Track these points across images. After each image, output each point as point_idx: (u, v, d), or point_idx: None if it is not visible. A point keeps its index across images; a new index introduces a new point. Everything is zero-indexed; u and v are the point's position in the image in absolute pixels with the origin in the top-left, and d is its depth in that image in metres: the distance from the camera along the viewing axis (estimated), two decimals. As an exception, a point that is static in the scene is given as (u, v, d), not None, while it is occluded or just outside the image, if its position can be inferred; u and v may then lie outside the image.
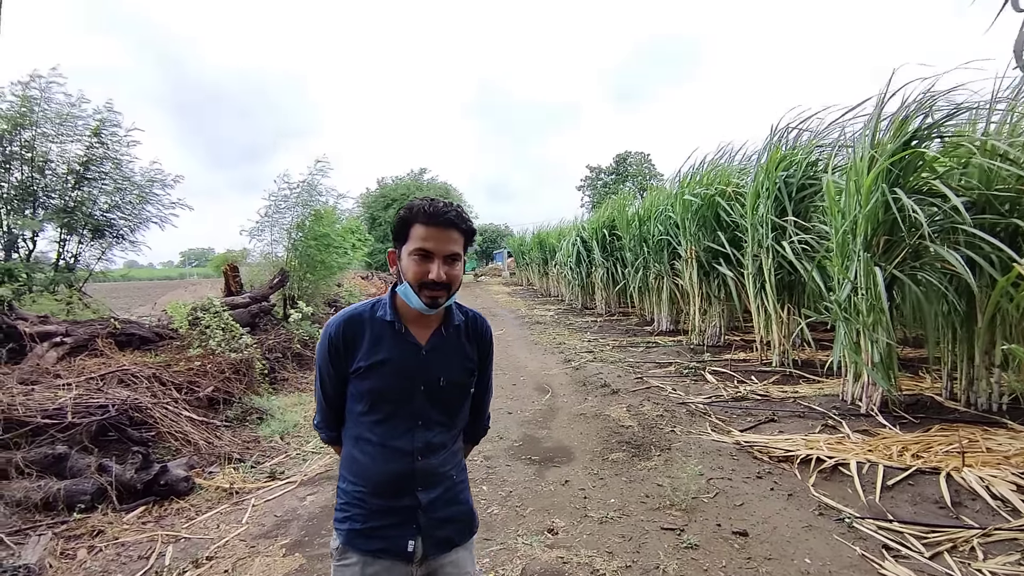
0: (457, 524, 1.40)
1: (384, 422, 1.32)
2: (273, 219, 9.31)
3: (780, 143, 6.33)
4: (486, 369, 1.51)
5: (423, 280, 1.25)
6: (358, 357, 1.31)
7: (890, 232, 4.32)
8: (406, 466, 1.31)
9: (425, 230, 1.25)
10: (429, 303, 1.26)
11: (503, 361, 7.65)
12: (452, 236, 1.27)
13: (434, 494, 1.34)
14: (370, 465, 1.32)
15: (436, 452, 1.35)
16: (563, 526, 2.86)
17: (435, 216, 1.25)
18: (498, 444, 4.21)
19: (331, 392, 1.39)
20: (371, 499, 1.31)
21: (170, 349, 5.88)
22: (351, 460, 1.36)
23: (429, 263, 1.25)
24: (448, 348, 1.38)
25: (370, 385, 1.31)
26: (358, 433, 1.34)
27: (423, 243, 1.25)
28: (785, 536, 2.64)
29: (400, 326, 1.34)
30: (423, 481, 1.32)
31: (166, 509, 3.28)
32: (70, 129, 7.28)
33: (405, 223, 1.28)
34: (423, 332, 1.36)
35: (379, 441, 1.31)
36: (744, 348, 7.33)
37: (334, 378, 1.36)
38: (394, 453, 1.31)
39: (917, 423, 4.04)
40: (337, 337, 1.33)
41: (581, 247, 14.22)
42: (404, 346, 1.33)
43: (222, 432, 4.51)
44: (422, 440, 1.32)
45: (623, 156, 49.73)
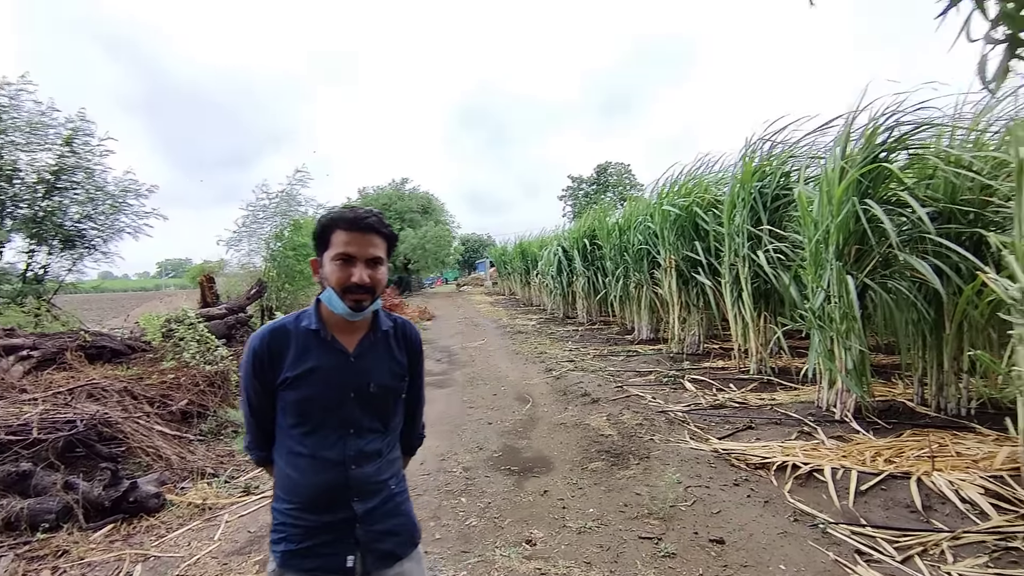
0: (398, 536, 1.37)
1: (314, 433, 1.30)
2: (251, 229, 9.25)
3: (755, 154, 6.45)
4: (417, 375, 1.51)
5: (346, 284, 1.26)
6: (284, 368, 1.30)
7: (861, 241, 4.41)
8: (339, 476, 1.28)
9: (346, 235, 1.27)
10: (353, 306, 1.27)
11: (484, 372, 7.63)
12: (373, 241, 1.29)
13: (371, 504, 1.31)
14: (301, 479, 1.29)
15: (370, 460, 1.33)
16: (541, 537, 2.85)
17: (355, 222, 1.27)
18: (478, 455, 4.18)
19: (259, 408, 1.36)
20: (304, 515, 1.28)
21: (143, 362, 5.77)
22: (283, 477, 1.33)
23: (351, 267, 1.26)
24: (377, 353, 1.38)
25: (298, 395, 1.29)
26: (289, 447, 1.32)
27: (345, 248, 1.26)
28: (761, 543, 2.66)
29: (326, 334, 1.33)
30: (358, 491, 1.30)
31: (135, 527, 3.19)
32: (40, 138, 7.15)
33: (326, 230, 1.30)
34: (350, 339, 1.35)
35: (310, 453, 1.29)
36: (723, 356, 7.41)
37: (261, 393, 1.34)
38: (326, 464, 1.28)
39: (890, 428, 4.11)
40: (262, 350, 1.31)
41: (562, 256, 14.29)
42: (332, 353, 1.32)
43: (195, 446, 4.42)
44: (354, 448, 1.30)
45: (603, 166, 50.20)
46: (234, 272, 10.20)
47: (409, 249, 29.60)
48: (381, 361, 1.38)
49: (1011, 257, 3.09)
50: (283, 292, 9.23)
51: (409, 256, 29.91)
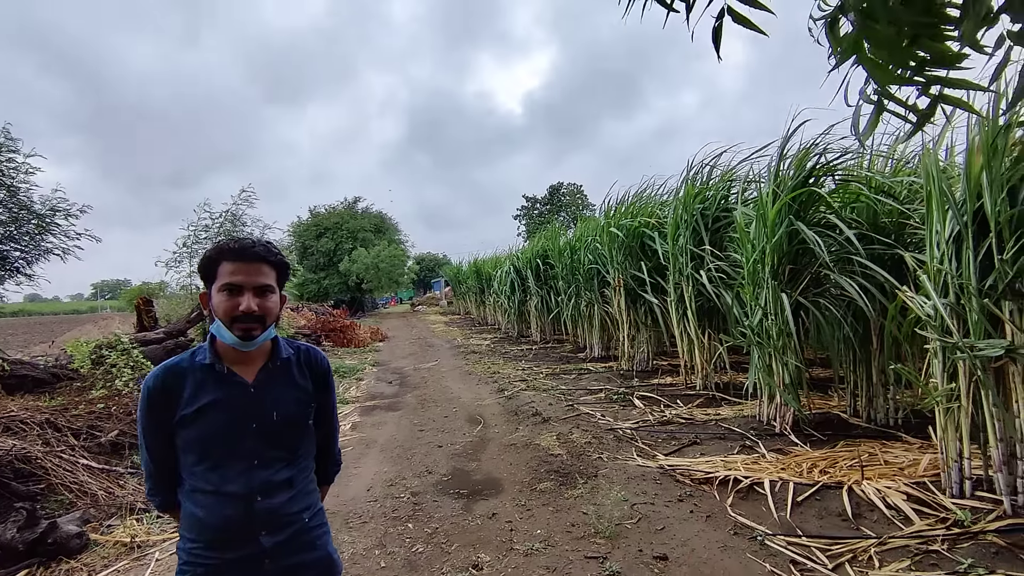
0: (311, 572, 1.34)
1: (217, 468, 1.26)
2: (192, 250, 8.90)
3: (697, 177, 6.73)
4: (327, 402, 1.49)
5: (233, 314, 1.25)
6: (181, 406, 1.27)
7: (794, 261, 4.65)
8: (243, 510, 1.25)
9: (232, 265, 1.26)
10: (242, 335, 1.26)
11: (436, 393, 7.54)
12: (262, 269, 1.28)
13: (280, 538, 1.28)
14: (206, 517, 1.25)
15: (279, 491, 1.30)
16: (488, 560, 2.81)
17: (241, 252, 1.27)
18: (426, 479, 4.12)
19: (158, 451, 1.32)
20: (208, 553, 1.24)
21: (69, 391, 5.42)
22: (188, 516, 1.29)
23: (239, 297, 1.25)
24: (278, 382, 1.36)
25: (198, 432, 1.26)
26: (192, 485, 1.28)
27: (231, 278, 1.26)
28: (702, 557, 2.72)
29: (222, 367, 1.31)
30: (266, 524, 1.26)
31: (53, 571, 2.97)
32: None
33: (212, 263, 1.28)
34: (248, 370, 1.33)
35: (213, 489, 1.25)
36: (671, 372, 7.59)
37: (158, 434, 1.30)
38: (229, 499, 1.25)
39: (825, 440, 4.30)
40: (156, 390, 1.28)
41: (515, 276, 14.37)
42: (229, 386, 1.30)
43: (126, 480, 4.17)
44: (260, 479, 1.27)
45: (556, 187, 51.15)
46: (175, 294, 9.77)
47: (362, 269, 29.11)
48: (283, 389, 1.35)
49: (924, 276, 3.33)
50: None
51: (362, 276, 29.41)
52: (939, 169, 3.28)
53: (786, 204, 4.48)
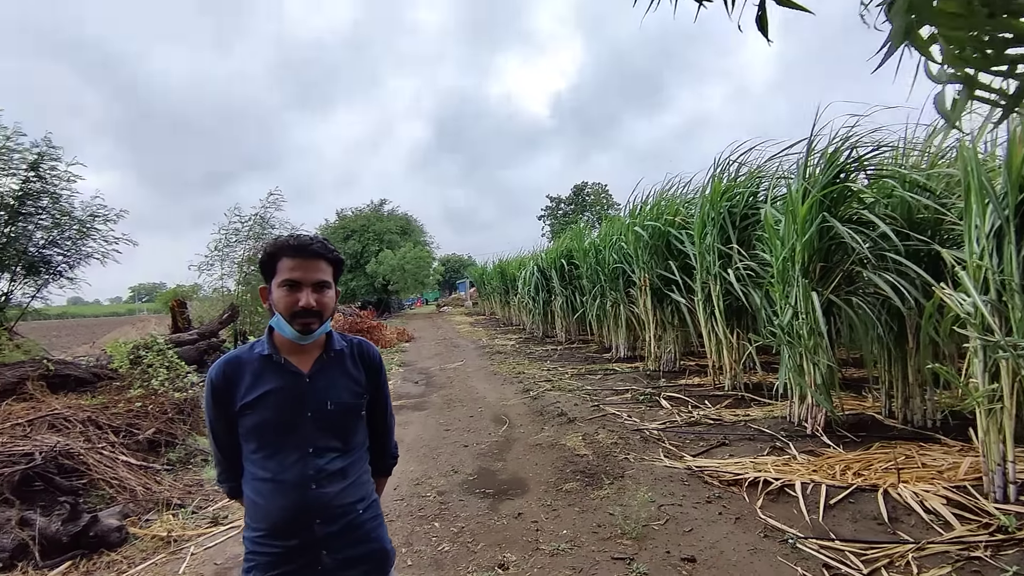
0: (366, 564, 1.36)
1: (274, 456, 1.31)
2: (223, 253, 9.14)
3: (723, 175, 6.62)
4: (380, 392, 1.53)
5: (294, 309, 1.29)
6: (241, 395, 1.32)
7: (825, 259, 4.55)
8: (299, 498, 1.28)
9: (291, 262, 1.31)
10: (302, 330, 1.31)
11: (462, 393, 7.58)
12: (319, 266, 1.33)
13: (334, 528, 1.31)
14: (265, 504, 1.30)
15: (333, 480, 1.33)
16: (514, 560, 2.82)
17: (300, 249, 1.31)
18: (452, 478, 4.14)
19: (223, 439, 1.38)
20: (271, 542, 1.28)
21: (109, 390, 5.61)
22: (250, 504, 1.34)
23: (298, 292, 1.30)
24: (332, 372, 1.40)
25: (256, 419, 1.31)
26: (253, 474, 1.33)
27: (290, 274, 1.30)
28: (731, 560, 2.67)
29: (279, 358, 1.35)
30: (320, 513, 1.29)
31: (95, 563, 3.08)
32: (4, 162, 7.00)
33: (272, 258, 1.33)
34: (304, 360, 1.38)
35: (272, 477, 1.30)
36: (698, 373, 7.48)
37: (223, 423, 1.36)
38: (286, 487, 1.29)
39: (859, 442, 4.19)
40: (218, 380, 1.34)
41: (540, 276, 14.36)
42: (286, 376, 1.34)
43: (162, 476, 4.30)
44: (314, 467, 1.31)
45: (580, 187, 50.92)
46: (207, 296, 10.03)
47: (388, 270, 29.44)
48: (337, 379, 1.39)
49: (964, 273, 3.21)
50: (256, 316, 9.11)
51: (388, 277, 29.74)
52: (979, 162, 3.17)
53: (817, 200, 4.38)
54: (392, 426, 1.63)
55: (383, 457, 1.60)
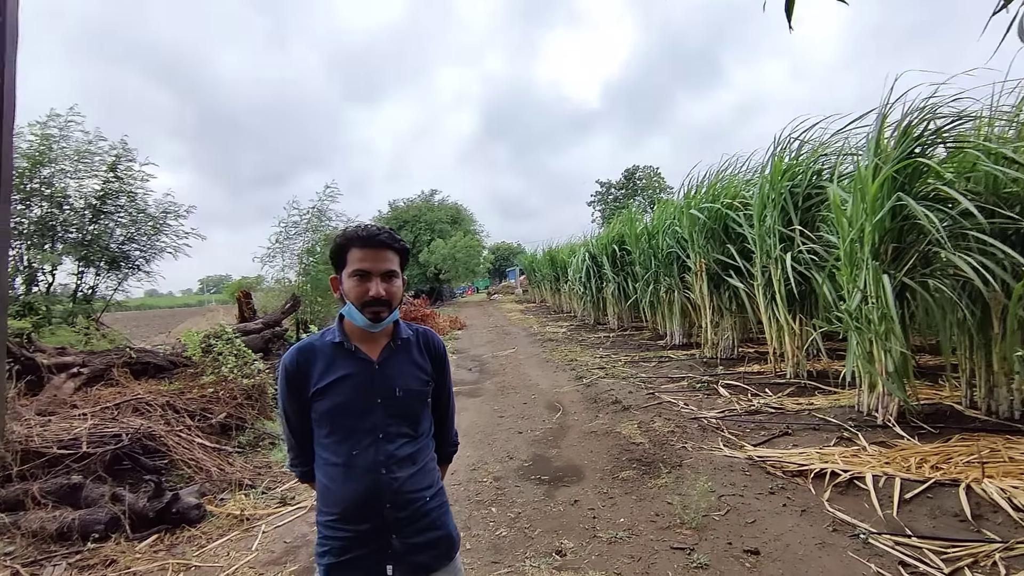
0: (435, 550, 1.39)
1: (346, 440, 1.34)
2: (284, 245, 9.50)
3: (783, 153, 6.32)
4: (444, 381, 1.56)
5: (364, 298, 1.33)
6: (314, 381, 1.36)
7: (898, 239, 4.27)
8: (371, 483, 1.32)
9: (361, 252, 1.34)
10: (372, 319, 1.35)
11: (515, 380, 7.63)
12: (387, 256, 1.36)
13: (404, 514, 1.34)
14: (337, 489, 1.34)
15: (402, 466, 1.36)
16: (572, 547, 2.82)
17: (368, 239, 1.34)
18: (508, 464, 4.18)
19: (296, 424, 1.43)
20: (343, 526, 1.32)
21: (184, 376, 5.96)
22: (323, 490, 1.38)
23: (368, 282, 1.33)
24: (400, 360, 1.43)
25: (329, 404, 1.35)
26: (325, 459, 1.37)
27: (360, 264, 1.34)
28: (798, 554, 2.58)
29: (350, 345, 1.40)
30: (391, 498, 1.32)
31: (177, 537, 3.29)
32: (87, 165, 7.52)
33: (342, 249, 1.37)
34: (373, 348, 1.42)
35: (344, 462, 1.33)
36: (758, 360, 7.24)
37: (296, 409, 1.41)
38: (358, 471, 1.32)
39: (936, 433, 3.95)
40: (292, 366, 1.38)
41: (591, 263, 14.22)
42: (356, 363, 1.38)
43: (234, 458, 4.54)
44: (385, 453, 1.34)
45: (632, 171, 49.87)
46: (270, 287, 10.47)
47: (439, 259, 29.90)
48: (405, 367, 1.43)
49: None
50: (316, 305, 9.45)
51: (440, 266, 30.22)
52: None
53: (889, 177, 4.11)
54: (453, 415, 1.66)
55: (444, 444, 1.63)
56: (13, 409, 4.18)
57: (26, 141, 6.96)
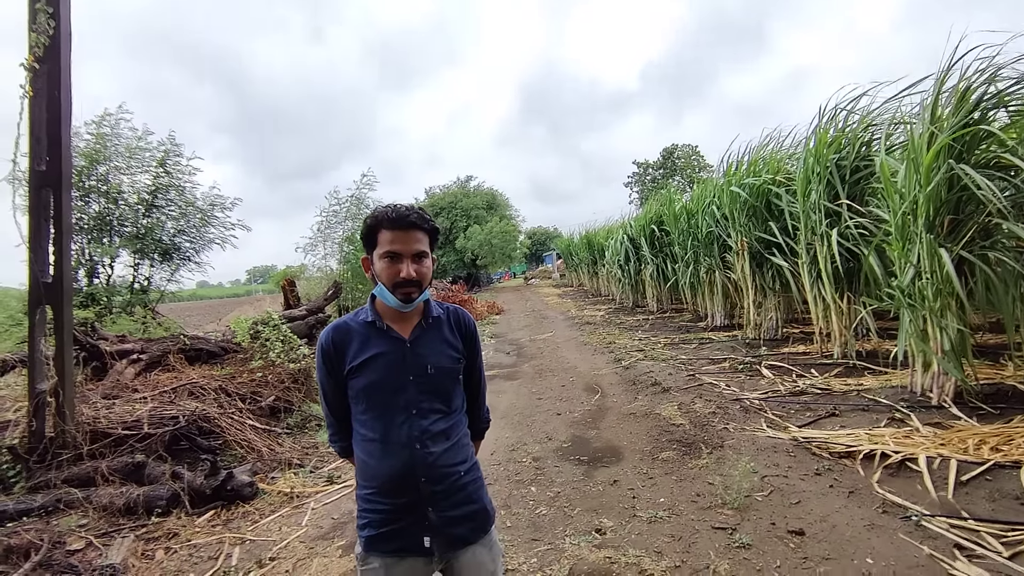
0: (471, 522, 1.42)
1: (381, 416, 1.38)
2: (325, 234, 9.72)
3: (829, 125, 6.04)
4: (475, 358, 1.58)
5: (395, 280, 1.36)
6: (349, 359, 1.40)
7: (955, 211, 4.05)
8: (406, 458, 1.35)
9: (391, 234, 1.36)
10: (404, 299, 1.37)
11: (553, 363, 7.65)
12: (417, 236, 1.37)
13: (440, 487, 1.37)
14: (375, 464, 1.38)
15: (436, 440, 1.39)
16: (611, 526, 2.83)
17: (398, 220, 1.35)
18: (547, 445, 4.21)
19: (334, 402, 1.48)
20: (381, 499, 1.36)
21: (234, 362, 6.22)
22: (360, 464, 1.43)
23: (399, 263, 1.36)
24: (431, 338, 1.46)
25: (364, 381, 1.39)
26: (362, 435, 1.41)
27: (390, 246, 1.36)
28: (845, 535, 2.52)
29: (382, 324, 1.43)
30: (425, 472, 1.36)
31: (233, 513, 3.46)
32: (138, 161, 7.86)
33: (372, 230, 1.39)
34: (405, 327, 1.45)
35: (379, 437, 1.37)
36: (803, 340, 7.03)
37: (333, 386, 1.45)
38: (394, 447, 1.36)
39: (997, 414, 3.76)
40: (328, 345, 1.43)
41: (629, 245, 14.03)
42: (389, 341, 1.41)
43: (283, 439, 4.73)
44: (419, 428, 1.37)
45: (670, 150, 48.67)
46: (312, 275, 10.76)
47: (476, 245, 30.02)
48: (436, 345, 1.46)
49: None
50: (356, 292, 9.67)
51: (476, 252, 30.35)
52: None
53: (946, 146, 3.89)
54: (484, 391, 1.69)
55: (476, 421, 1.66)
56: (82, 393, 4.45)
57: (83, 140, 7.33)
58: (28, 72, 3.55)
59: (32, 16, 3.48)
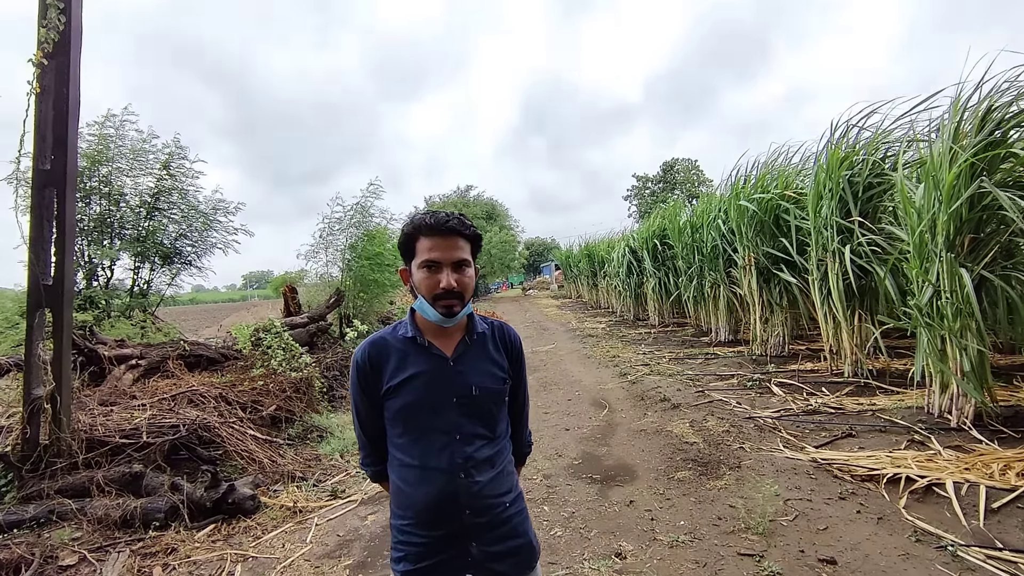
0: (515, 558, 1.31)
1: (420, 440, 1.27)
2: (327, 241, 9.60)
3: (841, 141, 6.01)
4: (520, 379, 1.47)
5: (435, 291, 1.25)
6: (387, 377, 1.29)
7: (976, 230, 4.00)
8: (448, 485, 1.24)
9: (430, 241, 1.25)
10: (445, 313, 1.26)
11: (557, 376, 7.54)
12: (458, 244, 1.27)
13: (483, 519, 1.26)
14: (413, 493, 1.27)
15: (481, 469, 1.28)
16: (631, 550, 2.72)
17: (437, 227, 1.25)
18: (557, 462, 4.10)
19: (368, 422, 1.37)
20: (420, 531, 1.25)
21: (235, 369, 6.08)
22: (396, 492, 1.31)
23: (438, 273, 1.25)
24: (476, 356, 1.35)
25: (402, 402, 1.28)
26: (399, 460, 1.30)
27: (429, 254, 1.25)
28: (879, 565, 2.41)
29: (423, 340, 1.32)
30: (469, 503, 1.25)
31: (234, 527, 3.34)
32: (142, 163, 7.76)
33: (410, 239, 1.28)
34: (447, 343, 1.34)
35: (419, 464, 1.26)
36: (811, 358, 6.95)
37: (368, 405, 1.34)
38: (435, 473, 1.25)
39: (1018, 438, 3.68)
40: (364, 362, 1.32)
41: (631, 257, 13.98)
42: (430, 359, 1.30)
43: (285, 450, 4.61)
44: (462, 455, 1.26)
45: (670, 164, 48.86)
46: (313, 282, 10.64)
47: (475, 255, 29.97)
48: (481, 364, 1.35)
49: None
50: (359, 300, 9.54)
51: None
52: None
53: (967, 165, 3.84)
54: (527, 414, 1.57)
55: (519, 445, 1.54)
56: (78, 399, 4.32)
57: (85, 141, 7.21)
58: (36, 68, 3.46)
59: (42, 11, 3.40)
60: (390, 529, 1.33)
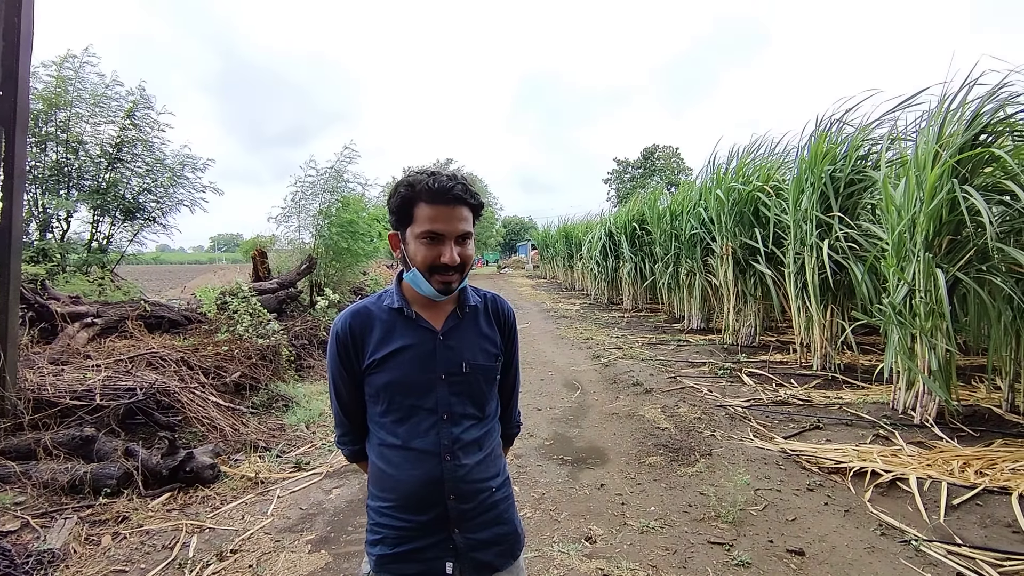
0: (499, 547, 1.22)
1: (405, 420, 1.17)
2: (300, 205, 9.27)
3: (824, 135, 6.02)
4: (513, 355, 1.36)
5: (434, 264, 1.12)
6: (369, 351, 1.18)
7: (955, 232, 4.04)
8: (433, 469, 1.15)
9: (432, 209, 1.11)
10: (442, 288, 1.14)
11: (530, 356, 7.51)
12: (462, 213, 1.13)
13: (468, 506, 1.17)
14: (395, 474, 1.17)
15: (468, 452, 1.18)
16: (601, 534, 2.70)
17: (441, 193, 1.10)
18: (528, 442, 4.06)
19: (347, 397, 1.25)
20: (400, 515, 1.16)
21: (198, 333, 5.87)
22: (376, 472, 1.21)
23: (440, 246, 1.11)
24: (466, 331, 1.24)
25: (386, 378, 1.16)
26: (380, 439, 1.20)
27: (432, 225, 1.11)
28: (846, 557, 2.43)
29: (410, 312, 1.20)
30: (454, 488, 1.15)
31: (191, 497, 3.21)
32: (104, 111, 7.31)
33: (408, 203, 1.13)
34: (437, 316, 1.22)
35: (402, 444, 1.16)
36: (781, 349, 7.06)
37: (347, 380, 1.23)
38: (419, 456, 1.15)
39: (977, 436, 3.79)
40: (345, 333, 1.20)
41: (608, 241, 13.98)
42: (418, 332, 1.19)
43: (248, 419, 4.46)
44: (449, 436, 1.16)
45: (651, 150, 48.96)
46: (284, 248, 10.30)
47: (451, 230, 29.70)
48: (472, 339, 1.24)
49: None
50: (331, 269, 9.28)
51: (451, 237, 30.04)
52: None
53: (949, 167, 3.85)
54: (518, 393, 1.47)
55: (508, 425, 1.44)
56: (26, 356, 4.09)
57: (41, 82, 6.73)
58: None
59: (-8, -69, 3.09)
60: (367, 511, 1.24)
